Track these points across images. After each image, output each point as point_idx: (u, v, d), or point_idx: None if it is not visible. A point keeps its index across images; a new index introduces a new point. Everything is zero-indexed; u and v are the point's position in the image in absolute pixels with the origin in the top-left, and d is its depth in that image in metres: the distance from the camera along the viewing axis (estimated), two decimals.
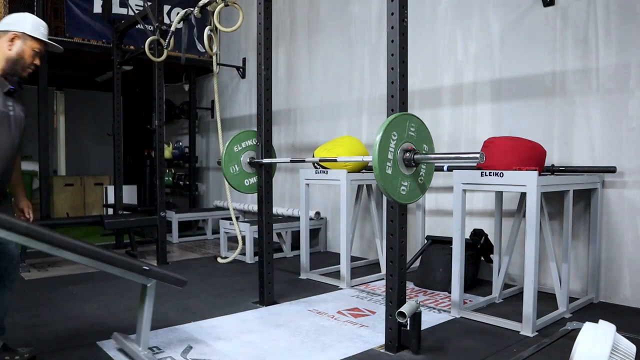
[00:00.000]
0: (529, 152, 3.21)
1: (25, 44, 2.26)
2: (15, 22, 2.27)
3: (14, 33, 2.24)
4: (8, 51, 2.23)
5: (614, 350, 1.95)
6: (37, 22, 2.33)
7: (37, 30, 2.30)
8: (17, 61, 2.25)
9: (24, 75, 2.31)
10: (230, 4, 3.59)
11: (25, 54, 2.26)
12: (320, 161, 3.90)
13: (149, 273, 2.42)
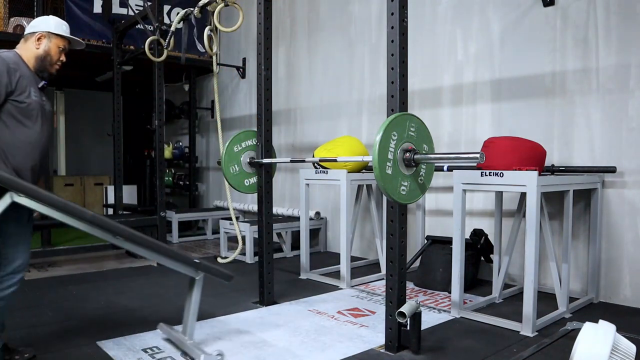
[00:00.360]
0: (529, 152, 3.21)
1: (51, 41, 2.44)
2: (40, 24, 2.47)
3: (40, 33, 2.43)
4: (36, 50, 2.42)
5: (614, 350, 1.95)
6: (60, 21, 2.51)
7: (60, 29, 2.48)
8: (44, 58, 2.43)
9: (52, 72, 2.49)
10: (230, 4, 3.59)
11: (52, 51, 2.45)
12: (320, 161, 3.90)
13: (198, 266, 2.55)
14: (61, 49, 2.49)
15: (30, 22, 2.55)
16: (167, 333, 2.80)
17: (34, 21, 2.51)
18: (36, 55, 2.42)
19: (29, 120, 2.34)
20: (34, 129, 2.37)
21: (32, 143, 2.36)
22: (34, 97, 2.35)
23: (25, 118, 2.33)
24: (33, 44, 2.43)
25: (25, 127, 2.33)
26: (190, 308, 2.59)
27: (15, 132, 2.30)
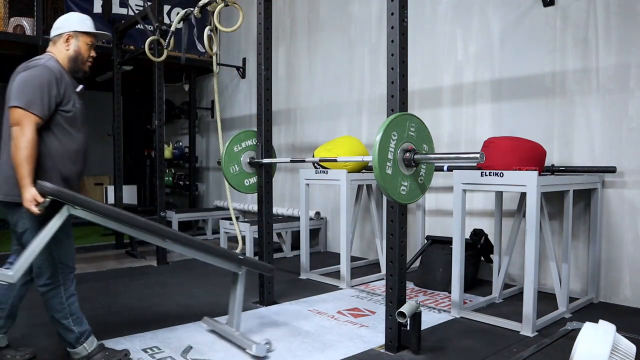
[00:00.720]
0: (529, 152, 3.21)
1: (79, 40, 2.44)
2: (64, 24, 2.45)
3: (67, 34, 2.42)
4: (66, 51, 2.42)
5: (614, 350, 1.95)
6: (82, 17, 2.50)
7: (84, 25, 2.46)
8: (76, 58, 2.44)
9: (86, 70, 2.50)
10: (230, 4, 3.59)
11: (81, 49, 2.45)
12: (320, 161, 3.90)
13: (242, 262, 2.72)
14: (90, 45, 2.49)
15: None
16: (211, 325, 2.92)
17: (58, 22, 2.49)
18: (68, 57, 2.43)
19: (74, 128, 2.37)
20: (79, 136, 2.40)
21: (79, 150, 2.40)
22: (77, 104, 2.39)
23: (71, 127, 2.35)
24: (62, 45, 2.43)
25: (72, 135, 2.36)
26: (235, 301, 2.74)
27: (63, 142, 2.33)
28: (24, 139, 2.14)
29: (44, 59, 2.34)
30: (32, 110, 2.18)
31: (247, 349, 2.57)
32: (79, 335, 2.38)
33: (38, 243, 2.13)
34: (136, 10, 5.52)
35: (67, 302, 2.35)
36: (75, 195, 2.21)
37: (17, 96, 2.19)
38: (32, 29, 5.98)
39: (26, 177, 2.12)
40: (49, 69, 2.27)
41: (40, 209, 2.13)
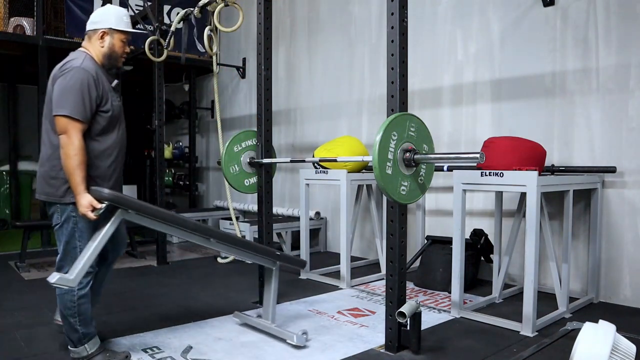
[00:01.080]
0: (529, 152, 3.21)
1: (114, 37, 2.43)
2: (100, 19, 2.44)
3: (102, 30, 2.41)
4: (101, 48, 2.42)
5: (614, 350, 1.95)
6: (119, 13, 2.48)
7: (120, 22, 2.45)
8: (110, 55, 2.44)
9: (120, 66, 2.53)
10: (230, 4, 3.59)
11: (116, 46, 2.45)
12: (320, 161, 3.90)
13: (279, 258, 2.87)
14: (124, 42, 2.49)
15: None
16: (244, 319, 3.03)
17: (94, 15, 2.47)
18: (103, 54, 2.43)
19: (111, 126, 2.40)
20: (115, 134, 2.43)
21: (118, 147, 2.44)
22: (114, 102, 2.41)
23: (110, 125, 2.39)
24: (97, 42, 2.42)
25: (111, 134, 2.40)
26: (270, 295, 2.85)
27: (102, 141, 2.36)
28: (73, 147, 2.19)
29: (79, 60, 2.33)
30: (76, 117, 2.22)
31: (287, 339, 2.70)
32: (82, 336, 2.38)
33: (95, 247, 2.19)
34: (136, 10, 5.52)
35: (77, 301, 2.36)
36: (130, 200, 2.27)
37: (59, 104, 2.22)
38: (32, 29, 5.98)
39: (80, 184, 2.19)
40: (86, 71, 2.28)
41: (97, 214, 2.19)
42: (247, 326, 3.04)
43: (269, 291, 2.88)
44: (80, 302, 2.36)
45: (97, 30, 2.42)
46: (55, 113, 2.23)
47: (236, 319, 3.11)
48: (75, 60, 2.32)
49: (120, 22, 2.45)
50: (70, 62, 2.32)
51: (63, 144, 2.21)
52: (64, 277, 2.15)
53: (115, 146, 2.43)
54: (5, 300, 3.62)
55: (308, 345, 2.71)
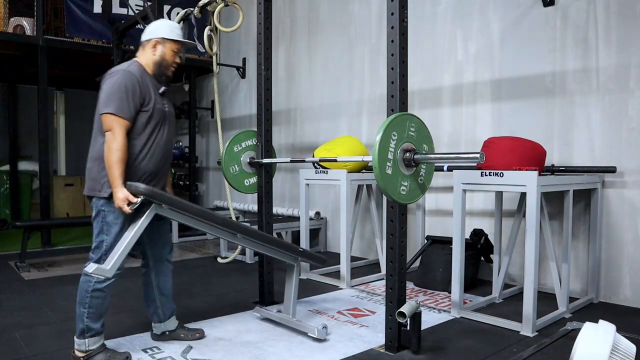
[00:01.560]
0: (529, 152, 3.21)
1: (165, 47, 2.58)
2: (154, 30, 2.59)
3: (155, 40, 2.57)
4: (153, 56, 2.57)
5: (614, 350, 1.95)
6: (172, 25, 2.64)
7: (173, 33, 2.60)
8: (161, 63, 2.57)
9: (169, 75, 2.63)
10: (230, 4, 3.59)
11: (167, 55, 2.58)
12: (320, 161, 3.90)
13: (301, 254, 2.99)
14: (175, 52, 2.61)
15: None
16: (264, 314, 3.14)
17: (149, 27, 2.63)
18: (154, 61, 2.56)
19: (148, 126, 2.48)
20: (154, 136, 2.51)
21: (153, 148, 2.51)
22: (157, 105, 2.50)
23: (146, 125, 2.47)
24: (150, 50, 2.57)
25: (152, 135, 2.49)
26: (291, 290, 2.95)
27: (138, 140, 2.45)
28: (116, 143, 2.32)
29: (126, 65, 2.50)
30: (121, 115, 2.36)
31: (308, 332, 2.80)
32: (86, 330, 2.43)
33: (129, 239, 2.31)
34: (136, 10, 5.52)
35: (91, 293, 2.41)
36: (164, 195, 2.38)
37: (106, 103, 2.36)
38: (32, 29, 5.99)
39: (118, 179, 2.31)
40: (130, 73, 2.43)
41: (132, 208, 2.30)
42: (247, 326, 3.04)
43: (290, 286, 2.97)
44: (93, 294, 2.41)
45: (150, 40, 2.57)
46: (101, 112, 2.37)
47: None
48: (122, 65, 2.51)
49: (172, 33, 2.59)
50: (118, 67, 2.51)
51: (108, 139, 2.34)
52: (100, 267, 2.26)
53: (150, 146, 2.50)
54: (5, 300, 3.62)
55: (328, 338, 2.81)
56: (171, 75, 2.65)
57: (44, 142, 5.92)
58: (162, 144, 2.56)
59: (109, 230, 2.41)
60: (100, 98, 2.40)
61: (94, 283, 2.40)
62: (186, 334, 2.79)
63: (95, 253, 2.43)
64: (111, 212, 2.39)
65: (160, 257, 2.75)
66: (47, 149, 5.99)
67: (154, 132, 2.50)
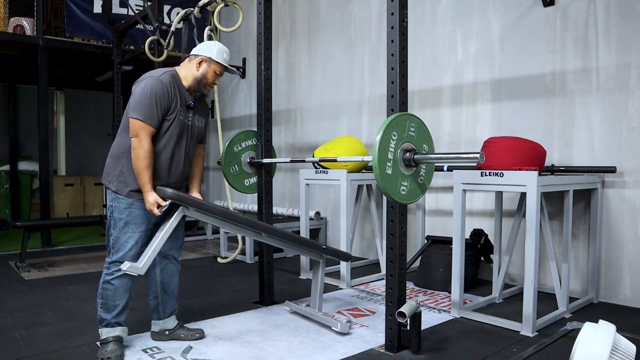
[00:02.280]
0: (529, 152, 3.21)
1: (210, 66, 2.66)
2: (204, 49, 2.68)
3: (202, 57, 2.65)
4: (196, 71, 2.64)
5: (614, 350, 1.95)
6: (222, 49, 2.72)
7: (220, 56, 2.69)
8: (200, 80, 2.64)
9: (205, 92, 2.72)
10: (230, 4, 3.60)
11: (208, 74, 2.66)
12: (320, 161, 3.90)
13: (325, 251, 3.10)
14: (217, 74, 2.70)
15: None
16: (294, 308, 3.26)
17: (201, 45, 2.72)
18: (194, 76, 2.63)
19: (165, 136, 2.54)
20: (174, 146, 2.58)
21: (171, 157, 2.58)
22: (179, 116, 2.57)
23: (164, 133, 2.54)
24: (194, 65, 2.64)
25: (167, 143, 2.55)
26: (317, 285, 3.08)
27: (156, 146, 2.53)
28: (143, 151, 2.43)
29: (160, 72, 2.58)
30: (147, 122, 2.45)
31: (332, 327, 2.91)
32: (100, 320, 2.58)
33: (159, 239, 2.46)
34: (136, 10, 5.52)
35: (102, 285, 2.56)
36: (190, 198, 2.55)
37: (135, 108, 2.46)
38: (32, 29, 5.99)
39: (147, 184, 2.44)
40: (160, 81, 2.51)
41: (161, 210, 2.45)
42: (247, 326, 3.04)
43: (316, 282, 3.10)
44: (104, 286, 2.55)
45: (198, 56, 2.65)
46: (130, 115, 2.47)
47: (286, 307, 3.34)
48: (155, 72, 2.59)
49: (220, 57, 2.68)
50: (151, 72, 2.62)
51: (134, 146, 2.44)
52: (133, 265, 2.37)
53: (162, 153, 2.55)
54: (5, 300, 3.62)
55: (351, 332, 2.89)
56: (207, 93, 2.75)
57: (44, 142, 5.92)
58: (175, 155, 2.60)
59: (115, 225, 2.55)
60: (130, 101, 2.51)
61: (104, 275, 2.55)
62: (186, 334, 2.80)
63: (108, 245, 2.59)
64: (117, 208, 2.54)
65: (167, 253, 2.76)
66: (47, 149, 6.00)
67: (170, 141, 2.56)
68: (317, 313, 3.08)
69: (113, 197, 2.56)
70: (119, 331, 2.59)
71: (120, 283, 2.55)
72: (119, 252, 2.53)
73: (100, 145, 9.40)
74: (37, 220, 6.34)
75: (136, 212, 2.54)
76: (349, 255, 3.36)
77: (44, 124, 5.94)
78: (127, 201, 2.52)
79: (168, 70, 2.62)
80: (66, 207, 8.25)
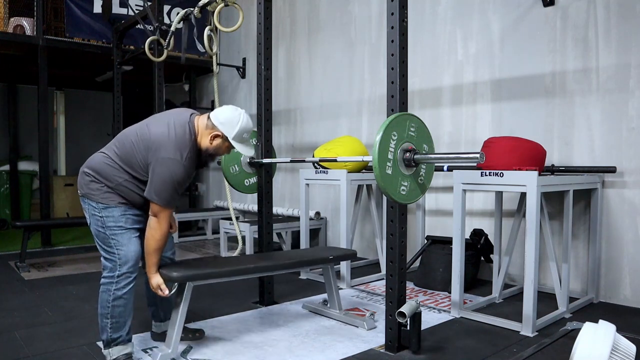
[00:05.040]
0: (529, 152, 3.21)
1: (224, 144, 2.47)
2: (227, 123, 2.42)
3: (220, 133, 2.42)
4: (209, 144, 2.44)
5: (613, 350, 1.95)
6: (244, 129, 2.46)
7: (239, 137, 2.46)
8: (212, 154, 2.49)
9: (209, 163, 2.57)
10: (230, 4, 3.59)
11: (220, 150, 2.49)
12: (320, 161, 3.90)
13: (331, 261, 3.13)
14: (229, 148, 2.52)
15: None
16: (311, 309, 3.35)
17: (226, 114, 2.45)
18: (206, 149, 2.44)
19: None
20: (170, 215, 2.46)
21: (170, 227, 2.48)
22: None
23: None
24: (209, 136, 2.43)
25: None
26: (332, 287, 3.16)
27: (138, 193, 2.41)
28: (160, 233, 2.34)
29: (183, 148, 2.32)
30: (169, 207, 2.34)
31: (359, 326, 2.98)
32: (110, 340, 2.38)
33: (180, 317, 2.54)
34: (136, 10, 5.52)
35: (112, 302, 2.36)
36: (196, 274, 2.60)
37: (158, 193, 2.29)
38: (32, 29, 5.99)
39: (154, 266, 2.41)
40: (184, 167, 2.32)
41: (169, 295, 2.46)
42: (247, 326, 3.04)
43: (330, 284, 3.16)
44: (115, 303, 2.35)
45: (216, 127, 2.41)
46: (152, 200, 2.31)
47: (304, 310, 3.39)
48: (179, 144, 2.32)
49: (238, 138, 2.46)
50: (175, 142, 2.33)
51: (153, 226, 2.33)
52: (163, 354, 2.47)
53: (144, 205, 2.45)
54: (5, 300, 3.62)
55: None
56: (211, 163, 2.60)
57: (44, 142, 5.92)
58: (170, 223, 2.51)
59: (114, 235, 2.35)
60: (153, 179, 2.30)
61: (113, 291, 2.34)
62: (186, 334, 2.78)
63: (111, 262, 2.37)
64: (110, 217, 2.35)
65: None
66: (47, 149, 6.00)
67: None
68: (338, 312, 3.15)
69: (101, 206, 2.34)
70: (130, 347, 2.45)
71: (131, 294, 2.41)
72: (127, 262, 2.36)
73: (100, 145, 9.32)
74: (37, 220, 6.34)
75: (132, 216, 2.40)
76: (354, 253, 3.39)
77: (44, 124, 5.94)
78: (121, 208, 2.36)
79: (189, 141, 2.36)
80: (66, 207, 8.25)
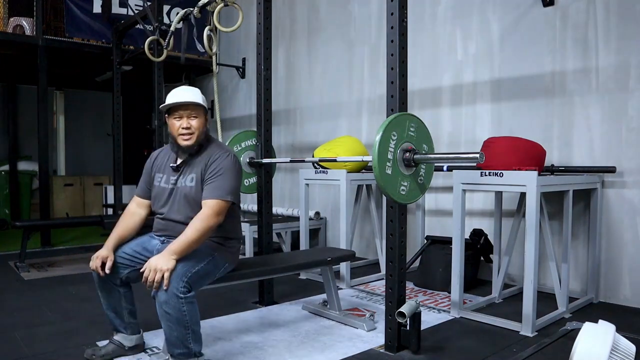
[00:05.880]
0: (529, 152, 3.21)
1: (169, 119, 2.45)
2: None
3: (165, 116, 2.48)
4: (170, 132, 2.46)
5: (613, 350, 1.95)
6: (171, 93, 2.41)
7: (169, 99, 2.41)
8: (170, 134, 2.46)
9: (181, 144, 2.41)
10: (230, 4, 3.59)
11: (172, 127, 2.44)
12: (320, 161, 3.90)
13: (329, 263, 3.14)
14: (177, 118, 2.37)
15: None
16: (311, 310, 3.35)
17: None
18: (170, 136, 2.45)
19: (154, 206, 2.50)
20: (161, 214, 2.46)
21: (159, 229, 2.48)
22: (162, 183, 2.46)
23: (154, 204, 2.50)
24: None
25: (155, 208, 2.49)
26: (331, 288, 3.15)
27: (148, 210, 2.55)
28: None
29: None
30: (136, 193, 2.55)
31: (358, 327, 2.97)
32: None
33: None
34: (136, 10, 5.52)
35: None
36: None
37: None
38: (32, 29, 5.99)
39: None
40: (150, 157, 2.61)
41: None
42: (247, 326, 3.04)
43: (329, 286, 3.16)
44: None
45: None
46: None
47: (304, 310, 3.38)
48: None
49: (168, 100, 2.36)
50: None
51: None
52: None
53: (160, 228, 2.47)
54: (5, 300, 3.62)
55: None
56: (186, 144, 2.37)
57: (43, 142, 5.92)
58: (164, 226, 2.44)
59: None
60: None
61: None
62: None
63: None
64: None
65: None
66: (47, 149, 5.99)
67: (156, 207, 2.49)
68: (337, 313, 3.14)
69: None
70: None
71: None
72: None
73: (100, 145, 9.40)
74: (37, 220, 6.34)
75: None
76: (352, 254, 3.38)
77: (44, 124, 5.94)
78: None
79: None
80: (66, 207, 8.25)
